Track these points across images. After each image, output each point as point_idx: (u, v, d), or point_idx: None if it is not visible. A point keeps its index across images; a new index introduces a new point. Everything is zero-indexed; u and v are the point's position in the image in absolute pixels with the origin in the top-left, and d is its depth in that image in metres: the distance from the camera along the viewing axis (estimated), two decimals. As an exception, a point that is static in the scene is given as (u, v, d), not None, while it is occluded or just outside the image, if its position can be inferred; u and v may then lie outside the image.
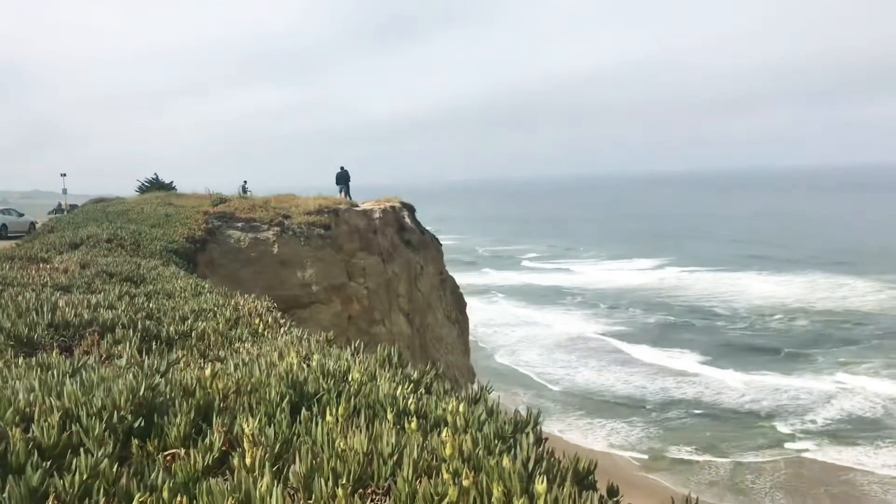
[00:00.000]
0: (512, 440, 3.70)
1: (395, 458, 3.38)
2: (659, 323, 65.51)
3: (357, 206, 30.09)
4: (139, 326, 6.65)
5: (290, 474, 3.21)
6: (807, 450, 36.65)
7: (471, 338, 41.38)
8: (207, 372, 4.56)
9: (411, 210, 34.21)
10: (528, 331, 64.20)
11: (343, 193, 33.72)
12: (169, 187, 43.12)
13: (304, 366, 4.75)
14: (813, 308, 67.53)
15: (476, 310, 62.75)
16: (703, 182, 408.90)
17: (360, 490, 3.24)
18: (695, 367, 51.09)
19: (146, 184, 45.02)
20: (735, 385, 46.69)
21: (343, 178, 34.97)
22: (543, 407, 41.79)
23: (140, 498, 2.97)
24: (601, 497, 3.20)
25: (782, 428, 39.50)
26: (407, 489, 3.08)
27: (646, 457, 36.57)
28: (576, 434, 39.48)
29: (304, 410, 3.98)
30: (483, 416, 4.00)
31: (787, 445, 37.29)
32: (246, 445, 3.45)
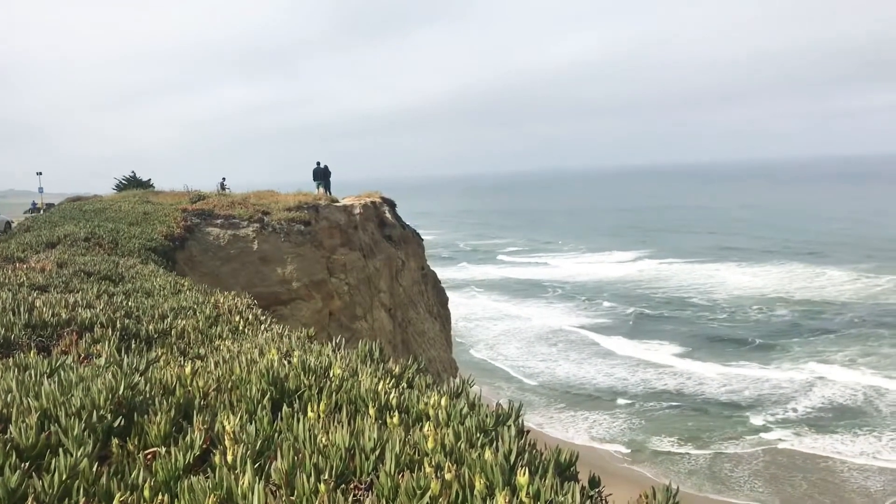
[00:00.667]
0: (494, 433, 3.71)
1: (377, 452, 3.38)
2: (639, 315, 65.89)
3: (337, 201, 29.98)
4: (118, 325, 6.59)
5: (272, 471, 3.20)
6: (784, 439, 37.07)
7: (452, 332, 41.43)
8: (187, 370, 4.54)
9: (392, 205, 34.15)
10: (509, 324, 64.37)
11: (322, 189, 33.60)
12: (147, 185, 42.76)
13: (285, 362, 4.74)
14: (791, 298, 68.23)
15: (457, 304, 62.84)
16: (686, 175, 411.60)
17: (343, 485, 3.24)
18: (675, 358, 51.49)
19: (124, 182, 44.61)
20: (715, 376, 47.11)
21: (321, 174, 34.83)
22: (525, 400, 41.98)
23: (121, 497, 2.95)
24: (583, 488, 3.22)
25: (762, 418, 39.92)
26: (389, 484, 3.09)
27: (628, 449, 36.83)
28: (558, 427, 39.68)
29: (285, 407, 3.97)
30: (465, 410, 4.01)
31: (767, 435, 37.69)
32: (227, 443, 3.43)
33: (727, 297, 70.99)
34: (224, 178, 38.60)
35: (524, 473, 3.17)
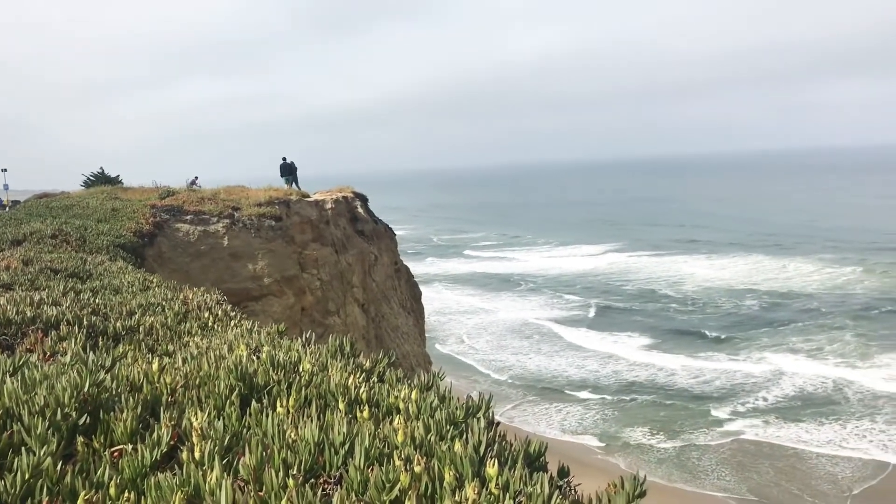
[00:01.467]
0: (464, 425, 3.72)
1: (346, 447, 3.37)
2: (609, 308, 66.41)
3: (307, 196, 29.80)
4: (84, 323, 6.51)
5: (240, 466, 3.18)
6: (752, 429, 37.58)
7: (426, 326, 41.43)
8: (155, 366, 4.49)
9: (364, 200, 34.01)
10: (481, 318, 64.56)
11: (290, 185, 33.40)
12: (115, 181, 42.10)
13: (254, 358, 4.71)
14: (759, 289, 69.17)
15: (430, 299, 62.84)
16: (656, 168, 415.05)
17: (312, 480, 3.23)
18: (646, 350, 51.99)
19: (92, 178, 43.89)
20: (685, 367, 47.64)
21: (288, 170, 34.71)
22: (497, 393, 42.21)
23: (85, 496, 2.91)
24: (551, 478, 3.24)
25: (730, 408, 40.45)
26: (359, 477, 3.08)
27: (600, 440, 37.12)
28: (530, 420, 39.89)
29: (254, 403, 3.94)
30: (435, 403, 4.02)
31: (734, 425, 38.19)
32: (195, 439, 3.40)
33: (696, 288, 71.79)
34: (196, 177, 38.17)
35: (493, 465, 3.19)
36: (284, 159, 35.04)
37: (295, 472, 3.12)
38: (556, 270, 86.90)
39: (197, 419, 3.57)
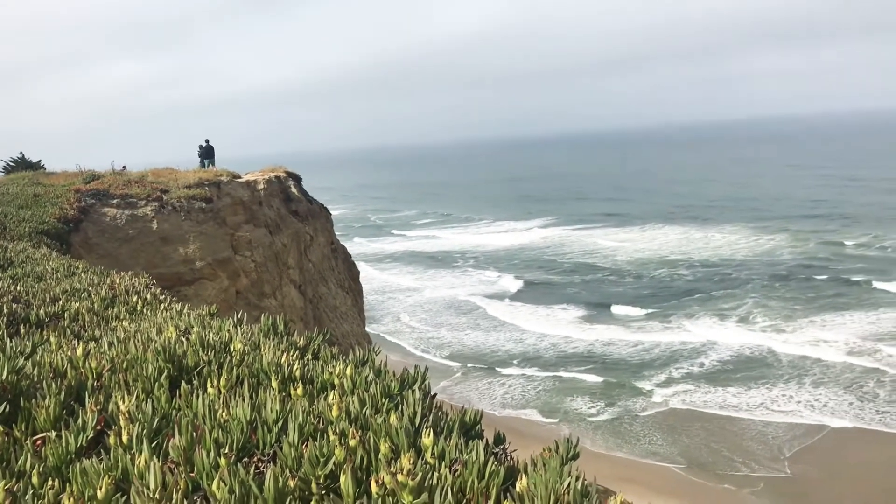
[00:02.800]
0: (399, 397, 3.72)
1: (279, 424, 3.33)
2: (545, 281, 67.26)
3: (240, 177, 29.23)
4: (4, 310, 6.26)
5: (170, 448, 3.11)
6: (684, 393, 38.67)
7: (364, 305, 41.28)
8: (79, 351, 4.35)
9: (297, 179, 33.56)
10: (419, 296, 64.69)
11: (210, 167, 32.81)
12: (37, 167, 40.53)
13: (184, 339, 4.60)
14: (690, 259, 70.98)
15: (368, 278, 62.65)
16: (587, 143, 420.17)
17: (246, 459, 3.19)
18: (583, 322, 52.87)
19: (11, 164, 42.16)
20: (621, 337, 48.63)
21: (208, 153, 34.12)
22: (436, 370, 42.50)
23: (5, 485, 2.80)
24: (487, 444, 3.26)
25: (665, 375, 41.53)
26: (293, 454, 3.05)
27: (540, 412, 37.67)
28: (471, 396, 40.20)
29: (183, 384, 3.86)
30: (370, 377, 4.00)
31: (668, 391, 39.23)
32: (122, 423, 3.31)
33: (630, 260, 73.25)
34: (124, 167, 37.04)
35: (429, 435, 3.19)
36: (207, 141, 34.48)
37: (227, 451, 3.06)
38: (492, 247, 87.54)
39: (124, 403, 3.47)
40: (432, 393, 4.14)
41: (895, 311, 48.86)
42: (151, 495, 2.68)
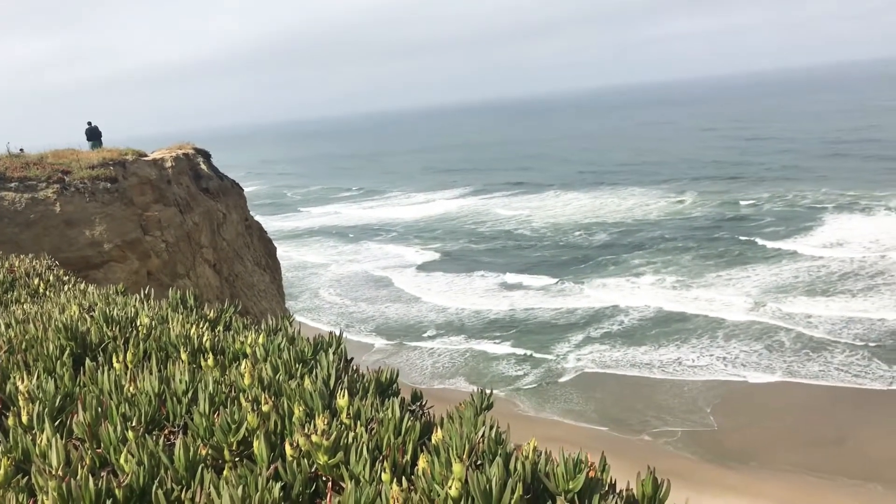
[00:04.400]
0: (313, 361, 3.68)
1: (189, 395, 3.26)
2: (466, 250, 67.72)
3: (146, 155, 28.23)
4: None
5: (74, 425, 3.00)
6: (601, 353, 39.73)
7: (283, 282, 40.71)
8: (-27, 335, 4.15)
9: (206, 156, 32.64)
10: (340, 270, 64.27)
11: (95, 150, 31.74)
12: (-78, 152, 38.10)
13: (87, 317, 4.44)
14: (606, 222, 72.57)
15: (287, 254, 61.81)
16: (502, 111, 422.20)
17: (156, 431, 3.11)
18: (504, 289, 53.50)
19: None
20: (543, 301, 49.46)
21: (93, 134, 32.98)
22: (360, 346, 42.45)
23: None
24: (403, 402, 3.27)
25: (585, 335, 42.54)
26: (204, 423, 2.99)
27: (467, 380, 38.05)
28: (403, 369, 40.26)
29: (88, 361, 3.72)
30: (283, 345, 3.95)
31: (588, 351, 40.23)
32: (22, 403, 3.18)
33: (545, 225, 74.38)
34: (21, 149, 35.25)
35: (344, 396, 3.18)
36: (90, 123, 33.30)
37: (135, 424, 2.98)
38: (410, 218, 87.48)
39: (24, 383, 3.33)
40: (349, 358, 4.12)
41: (794, 264, 51.27)
42: (55, 473, 2.59)
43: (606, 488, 2.64)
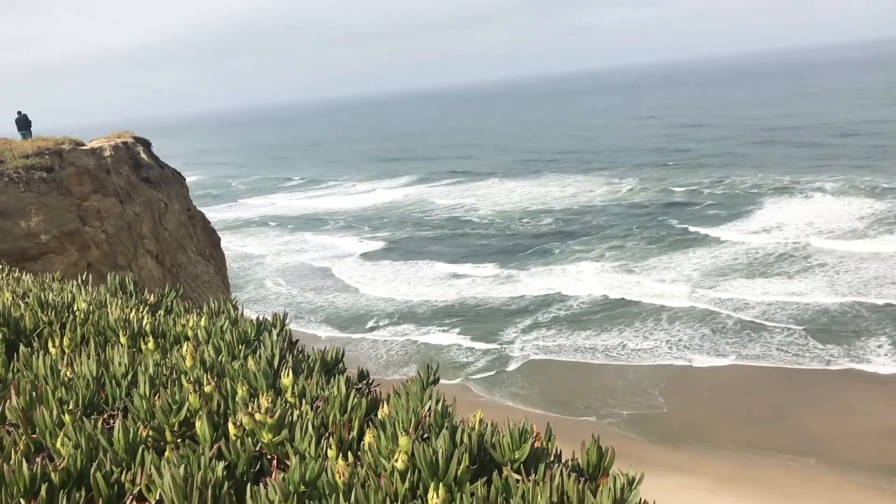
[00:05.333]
0: (257, 342, 3.64)
1: (129, 378, 3.18)
2: (413, 238, 67.60)
3: (83, 144, 27.46)
4: None
5: (7, 410, 2.91)
6: (546, 341, 40.09)
7: (228, 273, 40.10)
8: None
9: (147, 145, 31.91)
10: (286, 260, 63.59)
11: (26, 139, 30.89)
12: None
13: (21, 303, 4.30)
14: (552, 208, 73.17)
15: (232, 245, 60.90)
16: (444, 99, 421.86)
17: (95, 415, 3.04)
18: (452, 277, 53.55)
19: None
20: (492, 288, 49.69)
21: (24, 124, 32.08)
22: (308, 336, 42.06)
23: None
24: (349, 380, 3.26)
25: (532, 320, 42.90)
26: (145, 405, 2.93)
27: (420, 369, 38.00)
28: (348, 359, 40.04)
29: (22, 347, 3.61)
30: (226, 327, 3.89)
31: (534, 336, 40.60)
32: (-50, 391, 3.07)
33: (493, 212, 74.70)
34: None
35: (288, 375, 3.15)
36: (20, 112, 32.37)
37: (71, 407, 2.90)
38: (357, 206, 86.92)
39: (-48, 371, 3.22)
40: (294, 339, 4.08)
41: (733, 247, 52.52)
42: (-13, 458, 2.51)
43: (552, 458, 2.67)
